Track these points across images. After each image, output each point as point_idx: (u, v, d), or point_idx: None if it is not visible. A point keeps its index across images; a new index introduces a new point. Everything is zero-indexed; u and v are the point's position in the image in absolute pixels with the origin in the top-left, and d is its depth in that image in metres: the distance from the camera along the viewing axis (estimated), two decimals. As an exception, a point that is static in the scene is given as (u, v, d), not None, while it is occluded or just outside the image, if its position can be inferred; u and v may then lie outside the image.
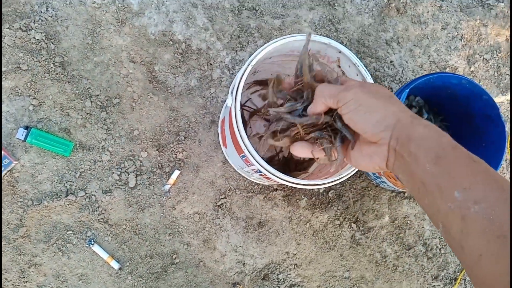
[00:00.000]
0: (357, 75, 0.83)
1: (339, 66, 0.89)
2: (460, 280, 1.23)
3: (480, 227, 0.38)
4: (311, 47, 0.75)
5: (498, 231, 0.37)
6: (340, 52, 0.83)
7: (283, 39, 0.79)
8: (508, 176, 1.28)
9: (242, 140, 0.74)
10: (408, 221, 1.21)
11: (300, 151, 0.59)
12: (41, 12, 1.09)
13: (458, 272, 1.24)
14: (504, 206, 0.38)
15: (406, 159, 0.46)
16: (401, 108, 0.50)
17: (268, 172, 0.74)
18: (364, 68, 0.81)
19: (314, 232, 1.17)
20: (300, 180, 0.76)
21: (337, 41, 1.22)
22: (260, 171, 0.80)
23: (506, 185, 0.40)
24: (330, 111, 0.56)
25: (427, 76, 0.98)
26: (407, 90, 0.95)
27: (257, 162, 0.73)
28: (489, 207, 0.38)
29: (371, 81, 0.82)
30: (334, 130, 0.57)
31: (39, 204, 1.04)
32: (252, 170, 0.90)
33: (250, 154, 0.74)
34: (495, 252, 0.37)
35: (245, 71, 0.76)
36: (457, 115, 1.09)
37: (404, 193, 1.20)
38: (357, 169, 0.78)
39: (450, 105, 1.09)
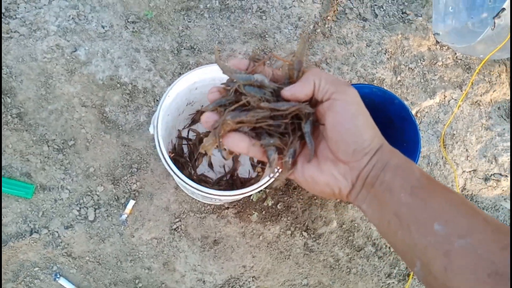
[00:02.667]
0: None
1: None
2: (413, 276, 1.30)
3: (467, 264, 0.34)
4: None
5: (490, 268, 0.33)
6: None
7: (193, 71, 0.90)
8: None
9: (166, 161, 0.84)
10: (355, 224, 1.29)
11: (236, 144, 0.44)
12: (-3, 71, 1.21)
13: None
14: (492, 239, 0.34)
15: (377, 189, 0.41)
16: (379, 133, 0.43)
17: (191, 186, 0.83)
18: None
19: (268, 244, 1.25)
20: (223, 191, 0.86)
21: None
22: (193, 192, 0.90)
23: (488, 217, 0.37)
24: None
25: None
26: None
27: (178, 177, 0.83)
28: (477, 241, 0.34)
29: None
30: (293, 133, 0.44)
31: (5, 245, 1.12)
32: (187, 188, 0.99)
33: (173, 172, 0.83)
34: None
35: (163, 101, 0.87)
36: (380, 120, 1.19)
37: (348, 198, 1.29)
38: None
39: (373, 112, 1.19)
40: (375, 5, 1.46)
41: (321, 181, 0.42)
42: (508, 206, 1.34)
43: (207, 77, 1.03)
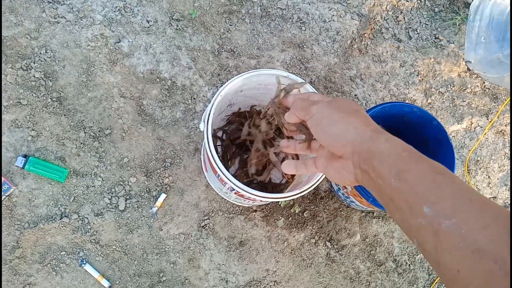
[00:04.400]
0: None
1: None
2: (429, 294, 1.32)
3: (454, 243, 0.37)
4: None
5: (472, 245, 0.36)
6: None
7: (247, 73, 0.92)
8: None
9: (214, 161, 0.85)
10: (378, 239, 1.31)
11: (288, 168, 0.61)
12: (40, 53, 1.22)
13: (428, 287, 1.33)
14: (474, 218, 0.37)
15: (371, 175, 0.45)
16: (364, 122, 0.49)
17: (237, 186, 0.85)
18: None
19: (291, 250, 1.26)
20: (266, 194, 0.87)
21: (305, 76, 1.37)
22: (233, 188, 0.91)
23: (474, 196, 0.39)
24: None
25: (382, 105, 1.12)
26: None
27: (227, 178, 0.84)
28: (461, 221, 0.37)
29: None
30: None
31: (35, 226, 1.12)
32: (228, 189, 1.00)
33: (221, 172, 0.85)
34: (472, 267, 0.35)
35: (215, 100, 0.89)
36: (414, 139, 1.22)
37: (373, 212, 1.31)
38: (314, 184, 0.89)
39: (408, 131, 1.22)
40: (410, 27, 1.50)
41: (335, 174, 0.51)
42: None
43: (253, 81, 1.05)
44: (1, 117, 1.16)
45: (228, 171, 1.19)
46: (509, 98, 1.43)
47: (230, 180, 0.85)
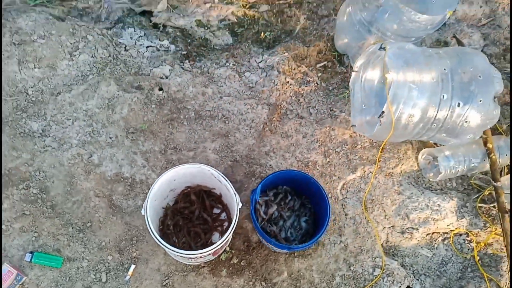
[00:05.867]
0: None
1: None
2: (349, 310, 1.69)
3: None
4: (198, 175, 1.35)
5: None
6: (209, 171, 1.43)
7: (169, 170, 1.39)
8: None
9: (153, 234, 1.30)
10: (301, 273, 1.70)
11: None
12: (35, 175, 1.71)
13: (350, 305, 1.70)
14: None
15: None
16: None
17: (165, 247, 1.28)
18: (225, 179, 1.41)
19: (235, 292, 1.66)
20: (195, 251, 1.31)
21: (231, 158, 1.83)
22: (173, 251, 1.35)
23: None
24: None
25: (275, 173, 1.57)
26: (260, 185, 1.53)
27: (158, 241, 1.28)
28: None
29: (230, 187, 1.41)
30: None
31: (42, 303, 1.55)
32: (171, 252, 1.44)
33: (158, 241, 1.29)
34: None
35: (149, 194, 1.35)
36: (312, 193, 1.66)
37: (294, 253, 1.72)
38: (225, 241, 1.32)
39: (306, 188, 1.66)
40: (310, 106, 1.98)
41: None
42: (425, 253, 1.75)
43: (181, 173, 1.52)
44: (1, 142, 1.63)
45: (179, 240, 1.63)
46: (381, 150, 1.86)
47: (160, 242, 1.29)
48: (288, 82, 2.04)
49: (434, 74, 1.63)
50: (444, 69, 1.65)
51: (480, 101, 1.60)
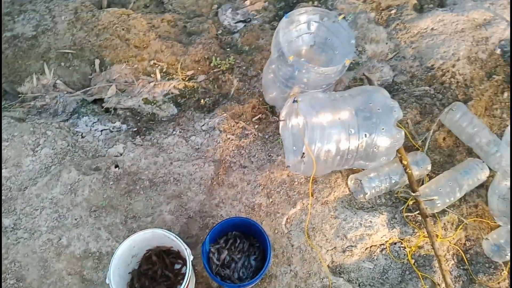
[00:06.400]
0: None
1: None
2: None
3: None
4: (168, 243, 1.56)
5: None
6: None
7: (127, 239, 1.60)
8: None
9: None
10: (263, 307, 1.88)
11: None
12: (11, 267, 1.90)
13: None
14: None
15: None
16: None
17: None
18: (175, 236, 1.62)
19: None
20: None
21: (186, 215, 2.05)
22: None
23: None
24: None
25: (220, 223, 1.79)
26: (208, 236, 1.75)
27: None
28: None
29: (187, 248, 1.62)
30: None
31: None
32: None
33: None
34: None
35: (111, 263, 1.55)
36: (257, 234, 1.87)
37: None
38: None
39: (252, 230, 1.88)
40: (250, 155, 2.24)
41: None
42: (367, 266, 1.95)
43: (138, 239, 1.73)
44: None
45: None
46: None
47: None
48: (229, 138, 2.30)
49: (341, 114, 1.92)
50: (349, 108, 1.93)
51: (383, 129, 1.87)
